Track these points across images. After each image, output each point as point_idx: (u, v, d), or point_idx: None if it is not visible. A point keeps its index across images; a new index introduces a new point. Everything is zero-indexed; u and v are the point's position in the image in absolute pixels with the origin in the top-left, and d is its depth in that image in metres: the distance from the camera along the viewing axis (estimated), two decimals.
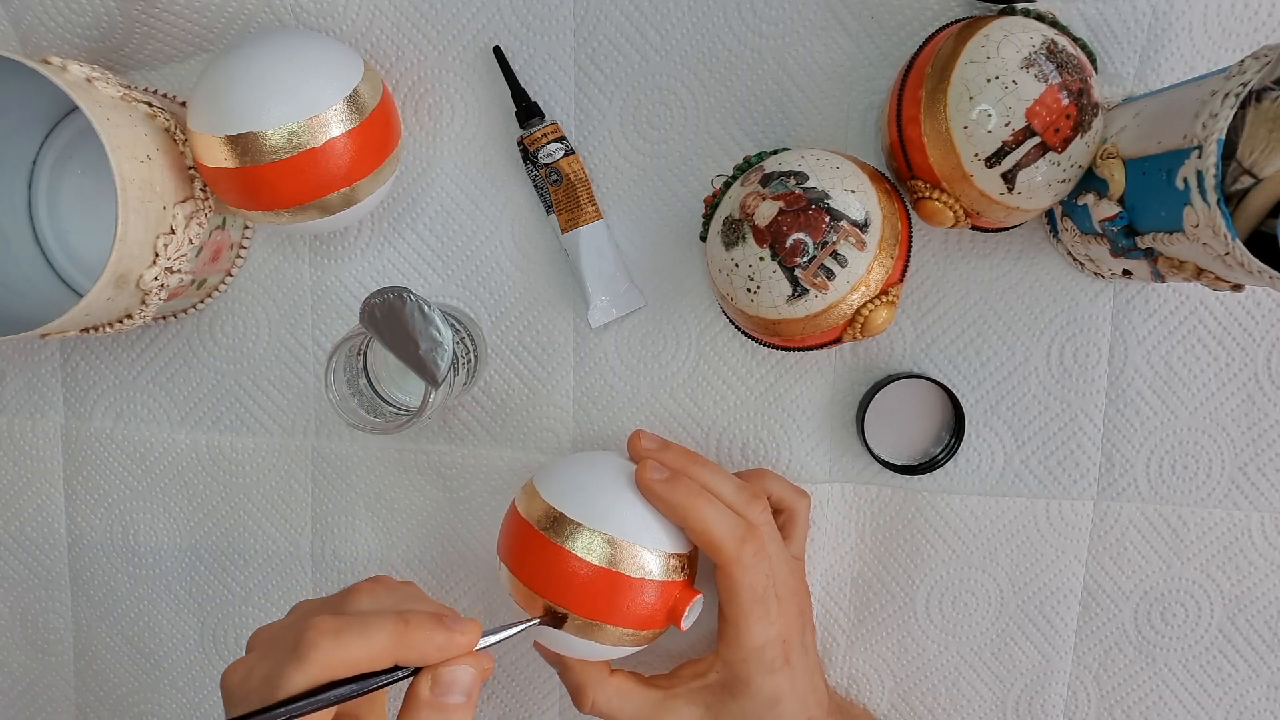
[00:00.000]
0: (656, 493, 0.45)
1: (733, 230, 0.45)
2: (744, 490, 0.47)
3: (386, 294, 0.44)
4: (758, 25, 0.51)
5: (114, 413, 0.58)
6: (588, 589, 0.43)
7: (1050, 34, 0.42)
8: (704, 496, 0.45)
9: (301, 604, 0.41)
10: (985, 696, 0.55)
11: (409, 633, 0.35)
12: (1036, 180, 0.42)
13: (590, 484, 0.46)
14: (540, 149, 0.52)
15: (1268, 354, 0.51)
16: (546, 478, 0.47)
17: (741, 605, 0.45)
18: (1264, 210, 0.37)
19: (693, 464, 0.47)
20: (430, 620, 0.36)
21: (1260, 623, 0.53)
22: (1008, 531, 0.54)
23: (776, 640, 0.45)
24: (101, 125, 0.44)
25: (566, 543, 0.43)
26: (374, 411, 0.49)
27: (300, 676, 0.33)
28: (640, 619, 0.44)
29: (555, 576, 0.43)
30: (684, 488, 0.45)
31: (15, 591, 0.61)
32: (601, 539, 0.43)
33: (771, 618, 0.45)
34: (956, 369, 0.53)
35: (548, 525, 0.44)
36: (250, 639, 0.38)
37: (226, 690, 0.36)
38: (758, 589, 0.45)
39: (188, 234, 0.49)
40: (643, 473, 0.45)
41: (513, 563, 0.45)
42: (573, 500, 0.44)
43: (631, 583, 0.43)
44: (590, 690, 0.47)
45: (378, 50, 0.53)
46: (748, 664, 0.45)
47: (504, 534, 0.47)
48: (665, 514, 0.45)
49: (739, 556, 0.44)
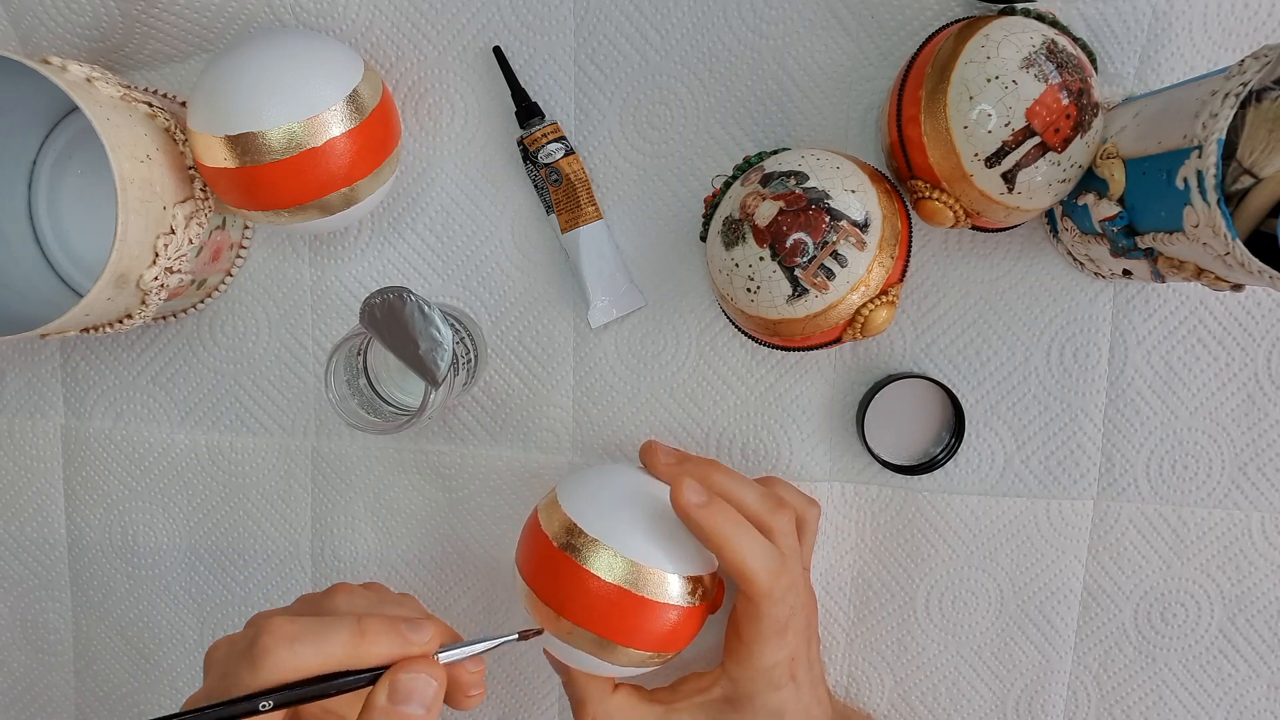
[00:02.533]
0: (694, 519, 0.42)
1: (733, 230, 0.45)
2: (768, 499, 0.46)
3: (386, 294, 0.44)
4: (758, 25, 0.51)
5: (114, 413, 0.58)
6: (605, 608, 0.42)
7: (1050, 34, 0.42)
8: (742, 526, 0.43)
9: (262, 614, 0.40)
10: (985, 696, 0.55)
11: (363, 639, 0.35)
12: (1036, 180, 0.42)
13: (615, 501, 0.44)
14: (540, 149, 0.52)
15: (1268, 354, 0.51)
16: (570, 490, 0.45)
17: (761, 633, 0.44)
18: (1264, 210, 0.37)
19: (714, 472, 0.47)
20: (386, 625, 0.36)
21: (1260, 623, 0.53)
22: (1008, 531, 0.54)
23: (786, 661, 0.45)
24: (101, 125, 0.44)
25: (586, 561, 0.42)
26: (374, 411, 0.49)
27: (253, 680, 0.34)
28: (656, 642, 0.43)
29: (573, 593, 0.42)
30: (722, 514, 0.42)
31: (15, 592, 0.61)
32: (623, 560, 0.42)
33: (786, 641, 0.44)
34: (956, 369, 0.53)
35: (568, 541, 0.43)
36: (208, 651, 0.38)
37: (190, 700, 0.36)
38: (781, 619, 0.44)
39: (188, 234, 0.49)
40: (679, 495, 0.42)
41: (529, 575, 0.44)
42: (596, 517, 0.43)
43: (651, 605, 0.42)
44: (591, 706, 0.46)
45: (378, 50, 0.53)
46: (755, 682, 0.45)
47: (523, 545, 0.46)
48: (700, 539, 0.43)
49: (771, 591, 0.43)
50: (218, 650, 0.38)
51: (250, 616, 0.59)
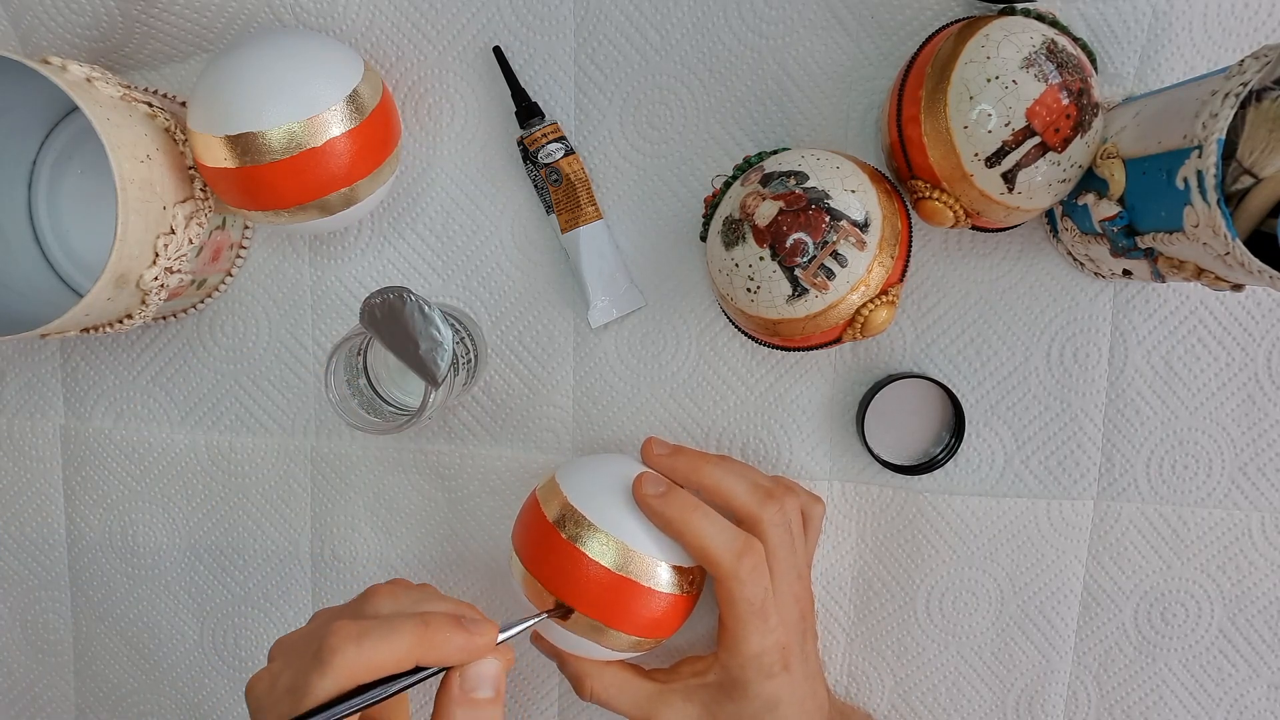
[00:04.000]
0: (652, 508, 0.44)
1: (733, 230, 0.45)
2: (757, 491, 0.47)
3: (386, 294, 0.44)
4: (758, 25, 0.51)
5: (114, 413, 0.58)
6: (597, 591, 0.43)
7: (1050, 34, 0.42)
8: (699, 510, 0.44)
9: (321, 612, 0.41)
10: (985, 696, 0.55)
11: (429, 634, 0.36)
12: (1036, 180, 0.42)
13: (612, 488, 0.45)
14: (540, 149, 0.52)
15: (1268, 354, 0.51)
16: (569, 475, 0.47)
17: (739, 617, 0.45)
18: (1264, 210, 0.37)
19: (703, 465, 0.47)
20: (450, 622, 0.37)
21: (1260, 623, 0.53)
22: (1008, 532, 0.54)
23: (775, 648, 0.45)
24: (101, 125, 0.44)
25: (581, 543, 0.43)
26: (374, 411, 0.49)
27: (325, 683, 0.34)
28: (645, 627, 0.44)
29: (566, 574, 0.43)
30: (678, 502, 0.44)
31: (15, 592, 0.61)
32: (614, 543, 0.43)
33: (770, 626, 0.45)
34: (956, 369, 0.53)
35: (565, 523, 0.44)
36: (272, 648, 0.38)
37: (253, 700, 0.36)
38: (755, 602, 0.45)
39: (188, 234, 0.49)
40: (638, 487, 0.45)
41: (525, 555, 0.46)
42: (592, 501, 0.45)
43: (641, 590, 0.44)
44: (589, 680, 0.47)
45: (378, 50, 0.53)
46: (745, 669, 0.45)
47: (520, 524, 0.47)
48: (661, 529, 0.44)
49: (736, 571, 0.44)
50: (282, 644, 0.38)
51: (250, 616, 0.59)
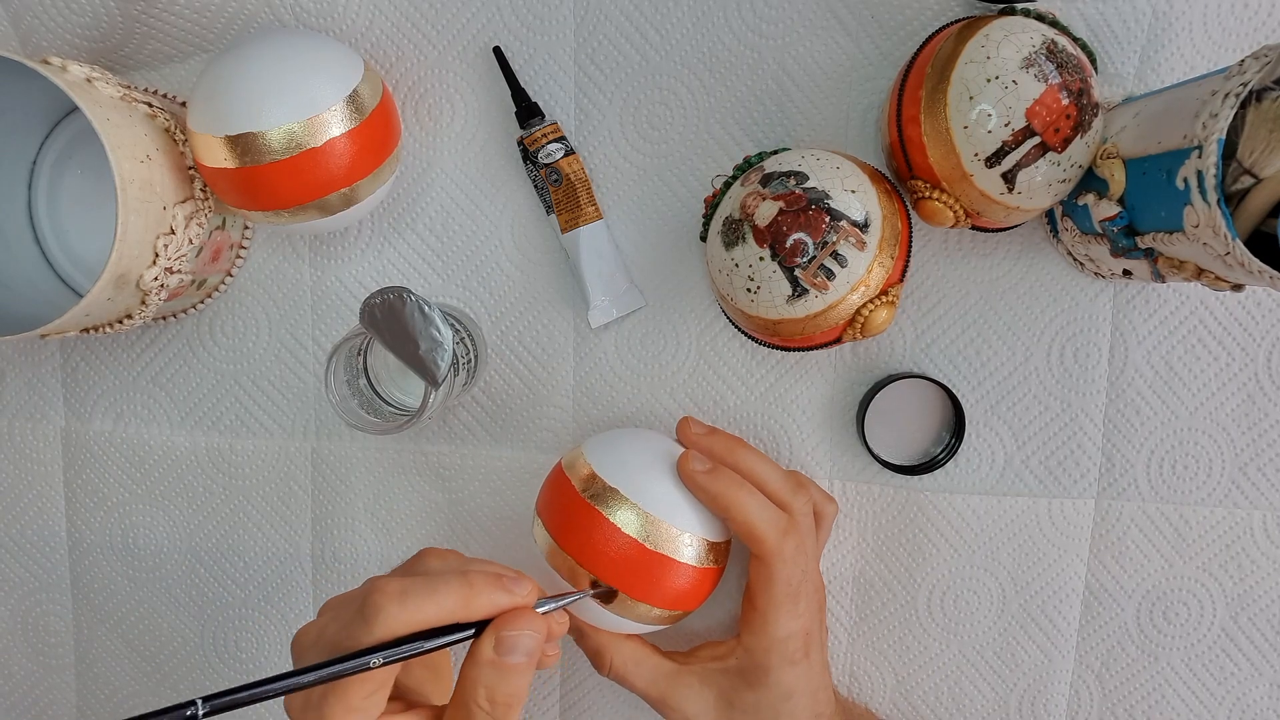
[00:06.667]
0: (698, 483, 0.45)
1: (733, 230, 0.45)
2: (789, 479, 0.48)
3: (386, 294, 0.44)
4: (758, 25, 0.51)
5: (114, 414, 0.58)
6: (620, 560, 0.43)
7: (1050, 34, 0.42)
8: (746, 488, 0.45)
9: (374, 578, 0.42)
10: (987, 695, 0.55)
11: (472, 592, 0.36)
12: (1036, 180, 0.42)
13: (638, 459, 0.46)
14: (540, 149, 0.51)
15: (1268, 354, 0.51)
16: (597, 446, 0.47)
17: (774, 597, 0.45)
18: (1264, 210, 0.37)
19: (738, 449, 0.48)
20: (491, 580, 0.37)
21: (1263, 621, 0.53)
22: (1009, 531, 0.54)
23: (800, 633, 0.46)
24: (101, 125, 0.44)
25: (607, 511, 0.44)
26: (374, 412, 0.49)
27: (367, 637, 0.35)
28: (667, 599, 0.44)
29: (591, 542, 0.43)
30: (725, 478, 0.45)
31: (16, 594, 0.61)
32: (640, 514, 0.44)
33: (799, 610, 0.46)
34: (956, 369, 0.53)
35: (591, 490, 0.44)
36: (322, 607, 0.39)
37: (297, 649, 0.37)
38: (793, 582, 0.45)
39: (188, 234, 0.49)
40: (684, 463, 0.45)
41: (549, 520, 0.46)
42: (618, 471, 0.45)
43: (664, 562, 0.44)
44: (608, 653, 0.48)
45: (378, 50, 0.53)
46: (770, 654, 0.46)
47: (545, 491, 0.47)
48: (706, 505, 0.45)
49: (780, 550, 0.45)
50: (331, 602, 0.39)
51: (251, 618, 0.59)
